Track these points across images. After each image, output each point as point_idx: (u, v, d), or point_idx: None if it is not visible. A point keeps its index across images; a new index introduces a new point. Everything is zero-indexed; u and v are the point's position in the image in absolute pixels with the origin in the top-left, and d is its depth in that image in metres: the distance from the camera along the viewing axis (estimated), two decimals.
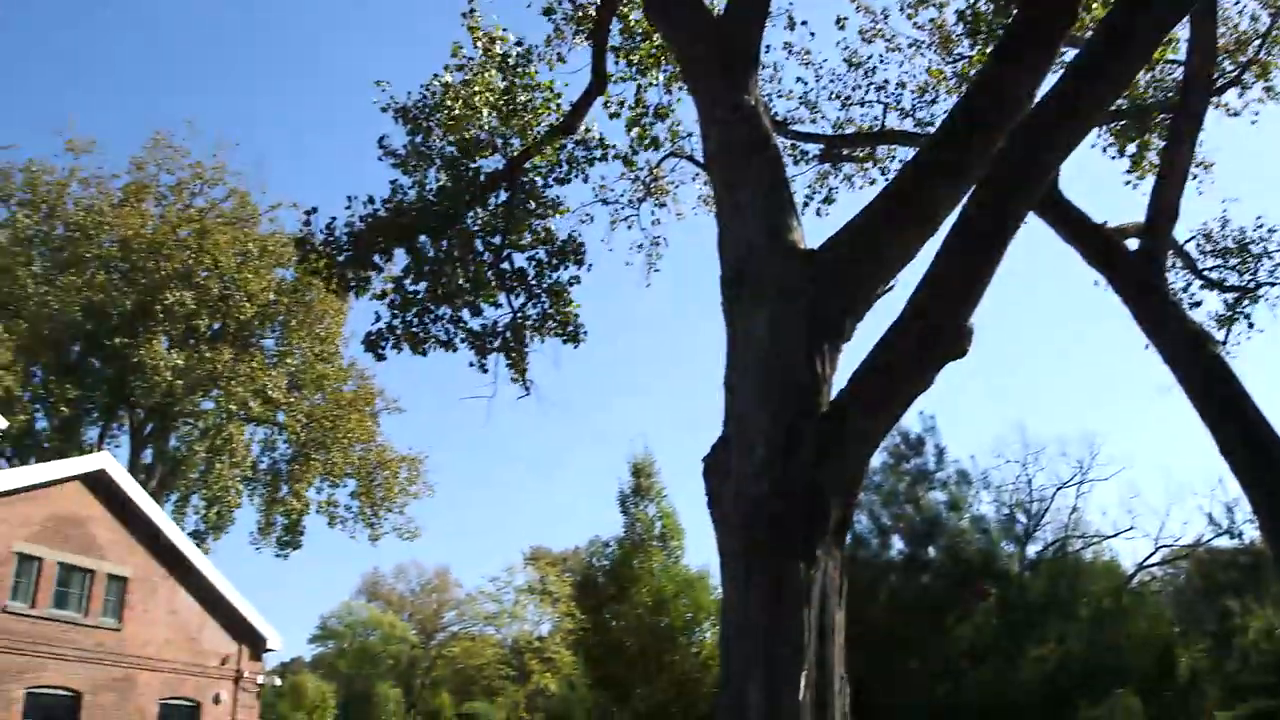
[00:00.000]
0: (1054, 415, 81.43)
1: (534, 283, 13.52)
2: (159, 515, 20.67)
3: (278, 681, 27.62)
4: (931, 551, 19.56)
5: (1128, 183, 13.86)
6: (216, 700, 21.09)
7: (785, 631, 6.10)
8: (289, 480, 34.82)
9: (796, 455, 6.47)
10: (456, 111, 13.05)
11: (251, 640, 22.34)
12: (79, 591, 18.42)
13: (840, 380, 6.89)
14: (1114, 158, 13.99)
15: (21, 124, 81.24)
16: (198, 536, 29.49)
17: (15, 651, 16.82)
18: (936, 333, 6.46)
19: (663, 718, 14.83)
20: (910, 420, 23.38)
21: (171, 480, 33.34)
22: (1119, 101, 12.14)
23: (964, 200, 6.84)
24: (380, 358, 12.95)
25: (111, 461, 20.04)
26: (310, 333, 34.66)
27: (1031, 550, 26.72)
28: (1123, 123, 13.77)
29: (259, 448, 35.08)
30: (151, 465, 33.20)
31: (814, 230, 7.53)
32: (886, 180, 14.30)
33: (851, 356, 6.98)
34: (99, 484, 19.13)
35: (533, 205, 13.52)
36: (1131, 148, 13.79)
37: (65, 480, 18.50)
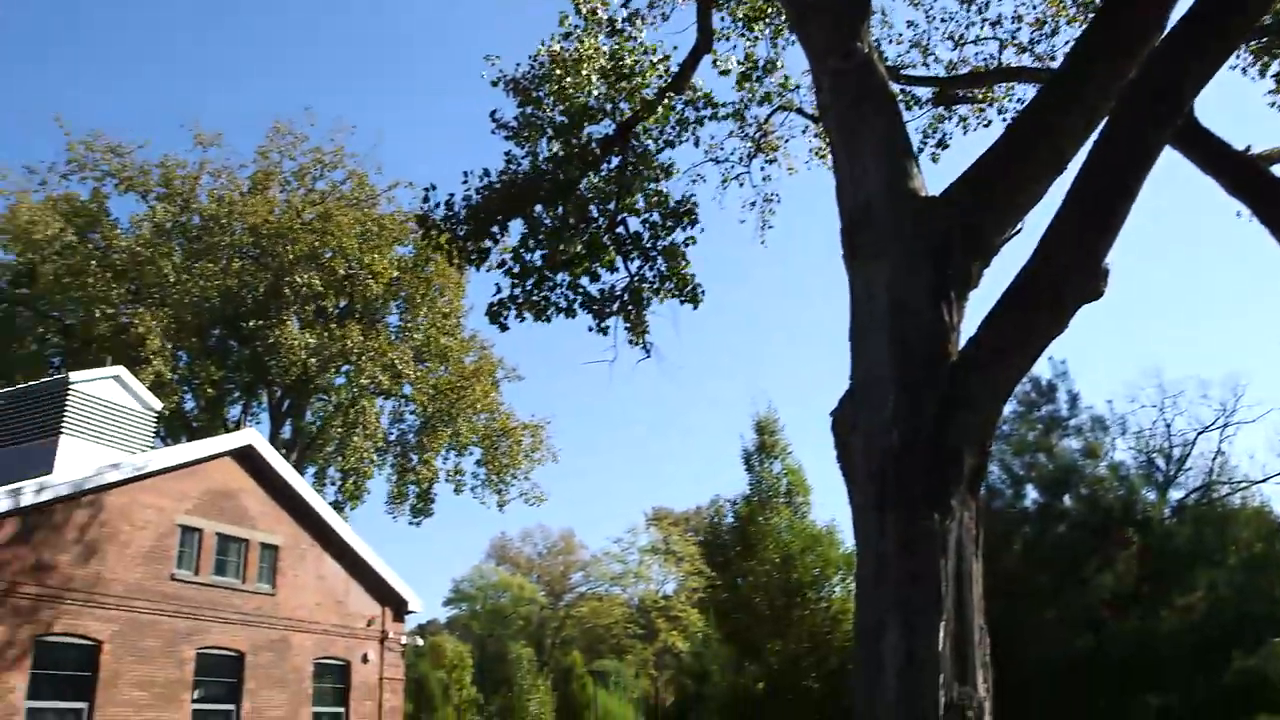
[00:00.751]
0: (1193, 357, 77.65)
1: (649, 246, 13.61)
2: (302, 486, 21.75)
3: (420, 642, 28.84)
4: (1067, 500, 18.97)
5: (1272, 104, 13.01)
6: (365, 659, 22.19)
7: (921, 583, 6.07)
8: (418, 450, 36.07)
9: (926, 406, 6.40)
10: (565, 80, 13.17)
11: (394, 603, 23.39)
12: (236, 559, 19.61)
13: (969, 328, 6.77)
14: (1255, 79, 13.15)
15: (153, 121, 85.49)
16: (336, 506, 30.82)
17: (185, 615, 18.07)
18: (1070, 274, 6.28)
19: (795, 672, 14.93)
20: (1040, 367, 22.65)
21: (309, 453, 34.93)
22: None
23: (1095, 135, 6.59)
24: (503, 328, 13.28)
25: (258, 437, 21.16)
26: (431, 307, 35.68)
27: (1174, 496, 25.68)
28: (1265, 39, 12.91)
29: (388, 420, 36.41)
30: (290, 440, 34.86)
31: (931, 177, 7.36)
32: (1005, 121, 13.82)
33: (979, 303, 6.84)
34: (247, 459, 20.26)
35: (644, 168, 13.57)
36: (1276, 66, 12.92)
37: (217, 456, 19.65)
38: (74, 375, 19.18)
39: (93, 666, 16.29)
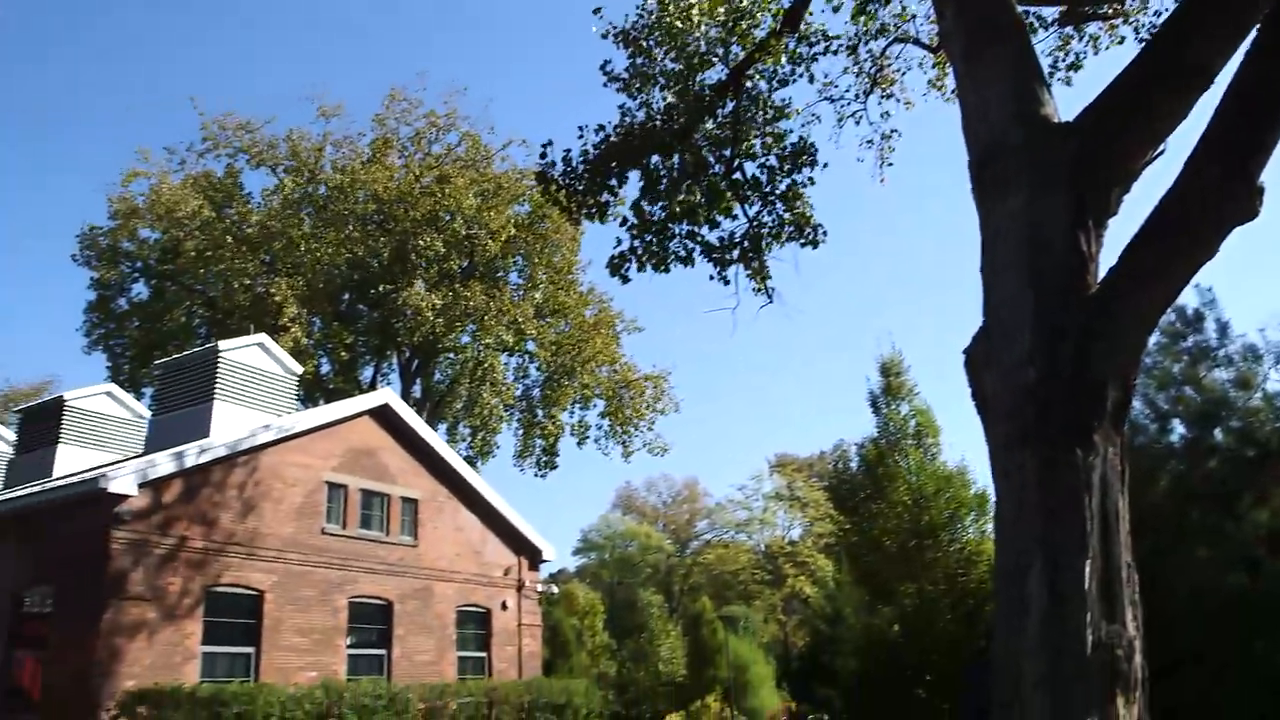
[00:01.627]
0: None
1: (768, 190, 13.49)
2: (437, 442, 22.56)
3: (555, 590, 29.73)
4: (1218, 434, 18.04)
5: None
6: (504, 607, 23.04)
7: (1065, 520, 5.98)
8: (543, 405, 36.87)
9: (1066, 339, 6.25)
10: (675, 26, 13.06)
11: (529, 552, 24.16)
12: (379, 514, 20.56)
13: (1108, 258, 6.55)
14: None
15: (277, 97, 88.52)
16: (468, 461, 31.92)
17: (336, 567, 19.10)
18: (1220, 195, 5.98)
19: (929, 613, 14.83)
20: (1186, 295, 21.40)
21: (439, 411, 36.11)
22: None
23: (1244, 45, 6.22)
24: (625, 280, 13.40)
25: (393, 397, 22.02)
26: (548, 263, 36.21)
27: None
28: None
29: (513, 375, 37.28)
30: (420, 399, 36.09)
31: (1063, 102, 7.07)
32: (1139, 37, 13.08)
33: (1119, 232, 6.60)
34: (384, 417, 21.12)
35: (759, 111, 13.40)
36: None
37: (357, 416, 20.56)
38: (223, 344, 20.32)
39: (257, 614, 17.44)
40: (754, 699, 35.70)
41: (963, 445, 66.39)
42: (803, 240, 13.98)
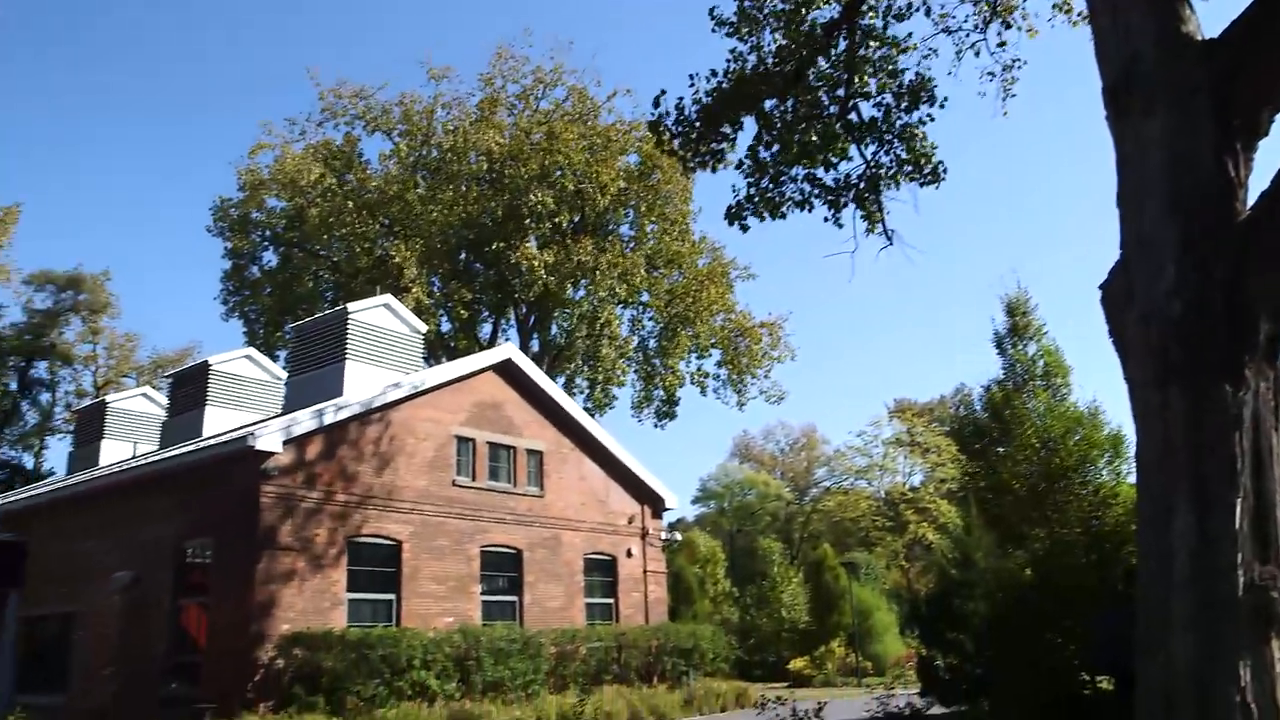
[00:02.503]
0: None
1: (884, 129, 13.19)
2: (559, 395, 23.05)
3: (678, 537, 30.15)
4: None
5: None
6: (629, 554, 23.53)
7: (1214, 459, 5.79)
8: (660, 355, 37.13)
9: (1213, 270, 6.00)
10: None
11: (651, 501, 24.56)
12: (506, 466, 21.20)
13: (1258, 182, 6.23)
14: None
15: (388, 62, 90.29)
16: (588, 413, 32.50)
17: (468, 518, 19.83)
18: None
19: (1064, 555, 14.51)
20: None
21: (558, 364, 36.74)
22: None
23: None
24: (744, 228, 13.35)
25: (515, 352, 22.55)
26: (660, 214, 36.20)
27: None
28: None
29: (628, 327, 37.60)
30: (539, 353, 36.78)
31: (1206, 19, 6.68)
32: None
33: (1269, 155, 6.26)
34: (507, 372, 21.67)
35: (874, 48, 13.07)
36: None
37: (481, 371, 21.16)
38: (351, 306, 21.12)
39: (396, 563, 18.30)
40: (878, 645, 35.64)
41: (1093, 385, 63.85)
42: (922, 179, 13.66)
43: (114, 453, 25.72)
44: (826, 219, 13.98)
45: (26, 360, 46.60)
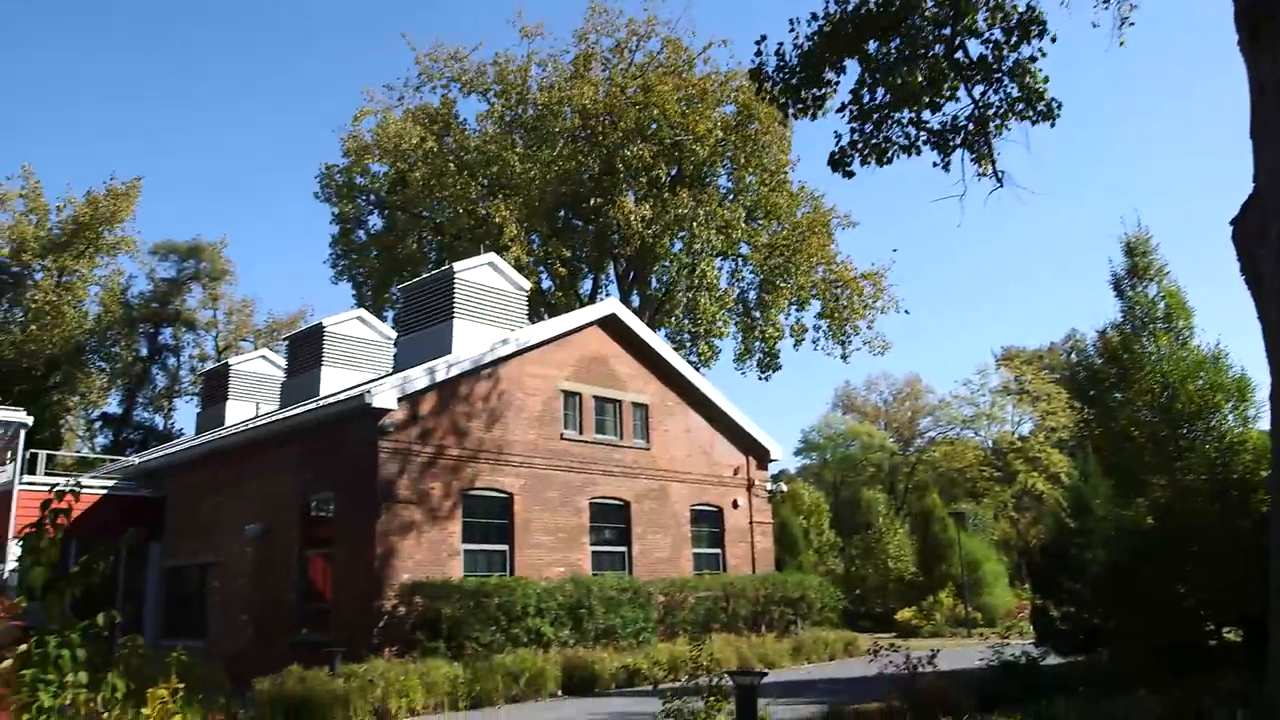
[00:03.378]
0: None
1: (993, 67, 12.79)
2: (663, 348, 23.18)
3: (784, 488, 30.17)
4: None
5: None
6: (735, 505, 23.67)
7: None
8: (760, 308, 36.91)
9: None
10: None
11: (756, 452, 24.60)
12: (612, 419, 21.49)
13: None
14: None
15: (482, 23, 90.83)
16: (691, 366, 32.61)
17: (577, 470, 20.22)
18: None
19: (1188, 502, 14.05)
20: None
21: (658, 318, 36.86)
22: None
23: None
24: (848, 175, 13.16)
25: (619, 306, 22.73)
26: (758, 164, 35.76)
27: None
28: None
29: (728, 280, 37.44)
30: (639, 307, 36.96)
31: None
32: None
33: None
34: (611, 326, 21.88)
35: None
36: None
37: (585, 326, 21.41)
38: (457, 265, 21.58)
39: (508, 515, 18.82)
40: (987, 595, 35.13)
41: (1218, 327, 61.01)
42: (1034, 117, 13.23)
43: (238, 413, 26.99)
44: (936, 164, 13.71)
45: (154, 327, 49.00)
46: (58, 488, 5.12)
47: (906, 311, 36.33)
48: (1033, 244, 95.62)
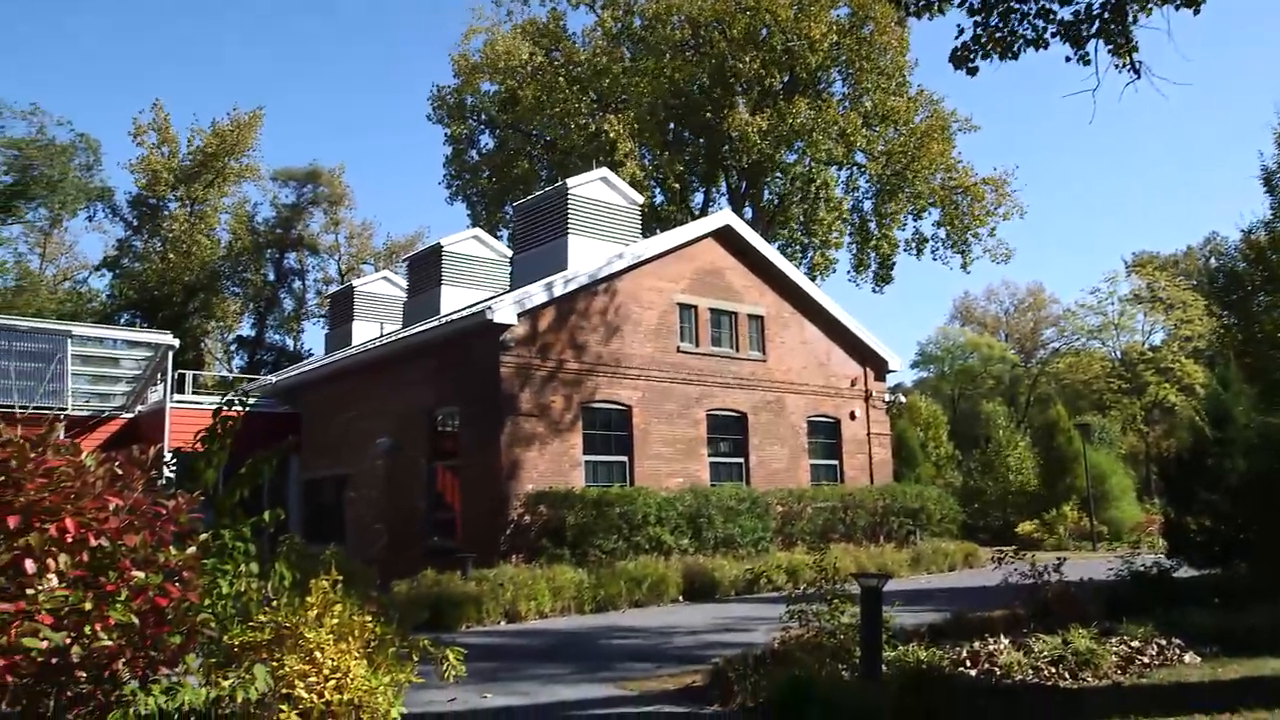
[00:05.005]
0: None
1: None
2: (778, 259, 22.91)
3: (902, 399, 29.79)
4: None
5: None
6: (852, 416, 23.52)
7: None
8: (876, 217, 36.05)
9: None
10: None
11: (874, 363, 24.30)
12: (728, 332, 21.49)
13: None
14: None
15: None
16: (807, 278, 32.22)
17: (693, 383, 20.38)
18: None
19: None
20: None
21: (772, 230, 36.42)
22: None
23: None
24: (971, 72, 12.56)
25: (734, 218, 22.47)
26: (875, 68, 34.54)
27: None
28: None
29: (843, 189, 36.61)
30: (753, 219, 36.56)
31: None
32: None
33: None
34: (726, 238, 21.71)
35: None
36: None
37: (701, 238, 21.29)
38: (570, 181, 21.65)
39: (627, 427, 19.15)
40: (1113, 509, 34.16)
41: None
42: (1178, 1, 12.35)
43: (364, 333, 28.00)
44: (1069, 58, 12.99)
45: (280, 252, 50.97)
46: (227, 397, 5.50)
47: (1023, 215, 34.92)
48: (1170, 143, 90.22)
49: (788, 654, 8.38)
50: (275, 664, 4.95)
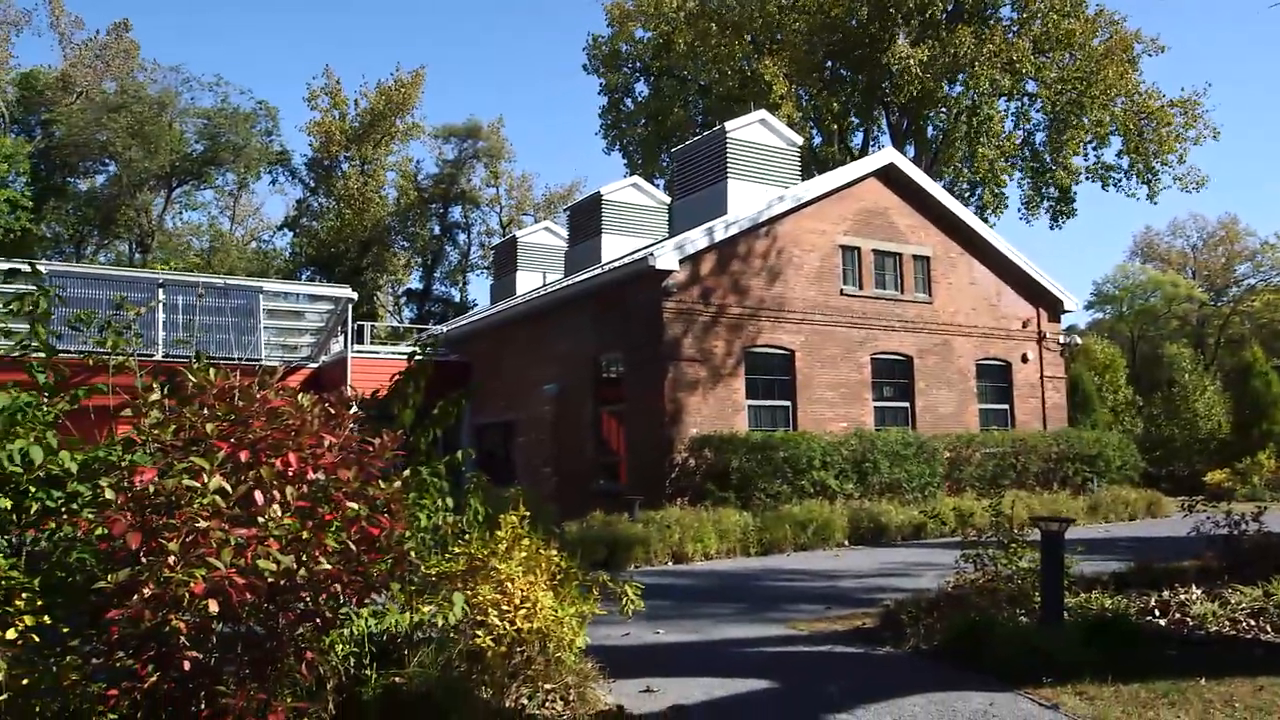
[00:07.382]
0: None
1: None
2: (944, 197, 22.07)
3: (1078, 341, 28.41)
4: None
5: None
6: (1024, 359, 22.61)
7: None
8: (1049, 150, 34.16)
9: None
10: None
11: (1047, 304, 23.22)
12: (892, 274, 20.94)
13: None
14: None
15: None
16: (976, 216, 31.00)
17: (858, 326, 20.03)
18: None
19: None
20: None
21: (936, 168, 35.09)
22: None
23: None
24: None
25: (897, 156, 21.75)
26: None
27: None
28: None
29: (1012, 122, 34.83)
30: (915, 157, 35.29)
31: None
32: None
33: None
34: (889, 177, 21.07)
35: None
36: None
37: (862, 179, 20.73)
38: (729, 124, 21.44)
39: (790, 371, 19.05)
40: None
41: None
42: None
43: (527, 282, 28.76)
44: None
45: (444, 206, 52.76)
46: (414, 346, 5.81)
47: (1216, 138, 32.23)
48: None
49: (962, 598, 8.27)
50: (469, 593, 5.26)
